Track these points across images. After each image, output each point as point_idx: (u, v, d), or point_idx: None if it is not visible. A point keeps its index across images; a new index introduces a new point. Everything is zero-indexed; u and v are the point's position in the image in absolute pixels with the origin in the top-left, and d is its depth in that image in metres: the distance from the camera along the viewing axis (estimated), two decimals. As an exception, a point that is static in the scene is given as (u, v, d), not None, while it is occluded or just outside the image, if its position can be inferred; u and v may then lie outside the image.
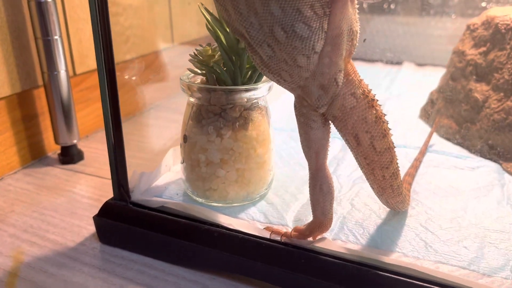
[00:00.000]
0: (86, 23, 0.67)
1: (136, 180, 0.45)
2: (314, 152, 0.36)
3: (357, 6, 0.33)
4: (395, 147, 0.36)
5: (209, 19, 0.39)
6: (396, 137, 0.60)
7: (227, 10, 0.33)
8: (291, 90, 0.35)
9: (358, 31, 0.34)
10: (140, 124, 0.76)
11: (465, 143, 0.57)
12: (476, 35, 0.59)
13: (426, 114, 0.66)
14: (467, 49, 0.59)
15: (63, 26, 0.62)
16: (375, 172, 0.36)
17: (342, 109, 0.34)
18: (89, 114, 0.71)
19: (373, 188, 0.38)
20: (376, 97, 0.35)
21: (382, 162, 0.35)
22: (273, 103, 0.65)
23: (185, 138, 0.43)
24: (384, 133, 0.35)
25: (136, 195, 0.45)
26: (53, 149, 0.65)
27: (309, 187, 0.36)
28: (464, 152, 0.56)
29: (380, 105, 0.35)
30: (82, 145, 0.67)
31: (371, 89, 0.35)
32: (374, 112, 0.34)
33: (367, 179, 0.37)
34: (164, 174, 0.50)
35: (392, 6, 1.14)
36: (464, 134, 0.57)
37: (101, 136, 0.73)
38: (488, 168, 0.51)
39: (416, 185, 0.48)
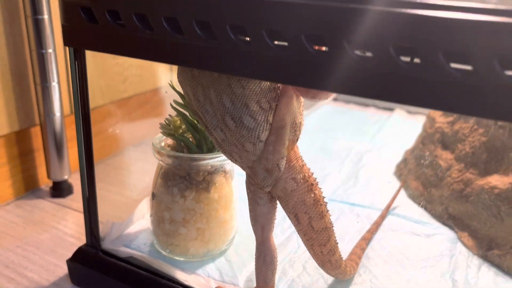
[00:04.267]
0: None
1: (108, 229, 0.49)
2: (260, 225, 0.39)
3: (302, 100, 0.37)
4: (332, 226, 0.39)
5: (178, 97, 0.43)
6: (364, 196, 0.63)
7: (188, 94, 0.37)
8: (242, 168, 0.39)
9: (303, 123, 0.37)
10: (132, 159, 0.81)
11: (428, 206, 0.60)
12: (446, 104, 0.62)
13: (399, 172, 0.69)
14: (437, 116, 0.62)
15: (63, 72, 0.67)
16: (314, 248, 0.39)
17: (284, 190, 0.37)
18: (83, 149, 0.76)
19: (315, 260, 0.41)
20: (316, 181, 0.38)
21: (319, 240, 0.38)
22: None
23: (153, 195, 0.47)
24: (322, 215, 0.38)
25: (107, 244, 0.49)
26: (45, 182, 0.70)
27: (255, 256, 0.40)
28: (425, 216, 0.58)
29: (320, 188, 0.38)
30: (73, 178, 0.72)
31: (312, 173, 0.38)
32: (313, 195, 0.37)
33: (309, 252, 0.40)
34: (137, 222, 0.54)
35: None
36: (427, 198, 0.60)
37: (94, 169, 0.77)
38: (444, 236, 0.54)
39: (370, 250, 0.51)
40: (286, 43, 0.29)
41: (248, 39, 0.31)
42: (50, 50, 0.60)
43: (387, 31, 0.26)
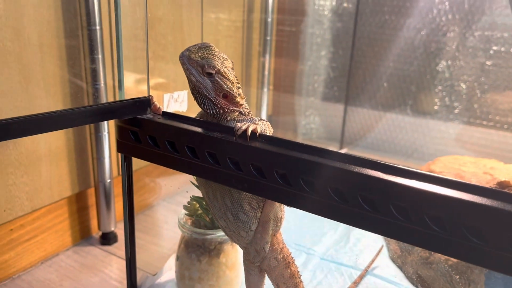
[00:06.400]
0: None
1: (143, 279, 0.65)
2: (252, 289, 0.53)
3: (282, 201, 0.51)
4: (305, 292, 0.53)
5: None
6: (350, 256, 0.76)
7: (202, 191, 0.53)
8: (240, 247, 0.53)
9: (283, 217, 0.52)
10: (167, 210, 0.97)
11: (403, 268, 0.72)
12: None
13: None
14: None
15: (114, 147, 0.85)
16: (291, 307, 0.53)
17: (268, 266, 0.52)
18: (126, 202, 0.93)
19: (293, 315, 0.55)
20: (292, 259, 0.52)
21: (295, 302, 0.52)
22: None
23: (177, 257, 0.62)
24: (296, 285, 0.52)
25: (142, 292, 0.64)
26: (96, 231, 0.87)
27: (248, 311, 0.54)
28: (398, 277, 0.70)
29: (296, 265, 0.52)
30: (118, 228, 0.89)
31: (290, 253, 0.52)
32: (289, 271, 0.51)
33: (289, 310, 0.54)
34: (166, 273, 0.69)
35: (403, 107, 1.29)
36: (403, 260, 0.72)
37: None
38: (410, 296, 0.66)
39: (347, 306, 0.63)
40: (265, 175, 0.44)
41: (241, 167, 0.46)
42: (105, 133, 0.78)
43: (326, 177, 0.40)
